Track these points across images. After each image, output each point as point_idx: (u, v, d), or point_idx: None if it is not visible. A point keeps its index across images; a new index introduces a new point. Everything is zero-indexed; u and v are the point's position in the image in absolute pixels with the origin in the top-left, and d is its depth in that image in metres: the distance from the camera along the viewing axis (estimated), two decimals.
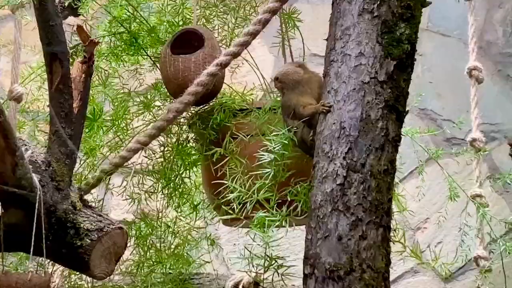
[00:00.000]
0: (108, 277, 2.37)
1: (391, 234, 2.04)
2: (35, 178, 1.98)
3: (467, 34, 2.37)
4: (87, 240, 2.01)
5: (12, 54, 2.40)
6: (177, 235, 2.57)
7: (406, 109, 2.07)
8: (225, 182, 2.17)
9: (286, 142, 2.08)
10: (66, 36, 2.09)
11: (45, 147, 2.40)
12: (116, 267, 2.61)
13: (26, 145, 2.08)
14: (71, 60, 2.51)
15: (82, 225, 2.02)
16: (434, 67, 3.78)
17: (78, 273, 2.55)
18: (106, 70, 2.52)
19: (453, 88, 3.76)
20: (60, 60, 2.06)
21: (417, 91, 2.64)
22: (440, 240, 3.70)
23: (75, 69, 2.13)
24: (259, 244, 2.04)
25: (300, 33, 2.49)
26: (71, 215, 2.01)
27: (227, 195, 2.14)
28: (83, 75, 2.12)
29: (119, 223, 2.09)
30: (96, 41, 2.14)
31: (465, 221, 2.51)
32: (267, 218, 2.04)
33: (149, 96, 2.52)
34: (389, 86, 2.02)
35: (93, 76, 2.26)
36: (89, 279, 2.57)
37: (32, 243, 1.94)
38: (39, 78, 2.55)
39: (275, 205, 2.09)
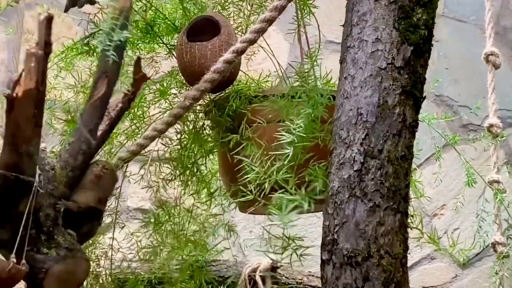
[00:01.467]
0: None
1: (409, 220, 2.04)
2: (38, 171, 1.96)
3: (483, 20, 2.36)
4: (54, 252, 1.96)
5: (27, 43, 2.41)
6: (194, 222, 2.58)
7: (423, 95, 2.06)
8: (244, 166, 2.16)
9: (307, 124, 2.08)
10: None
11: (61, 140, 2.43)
12: (134, 255, 2.65)
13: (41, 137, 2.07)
14: (83, 50, 2.54)
15: (56, 237, 1.97)
16: (450, 53, 3.77)
17: (96, 260, 2.57)
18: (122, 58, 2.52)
19: (470, 74, 3.75)
20: (108, 80, 2.03)
21: (433, 78, 2.63)
22: (457, 226, 3.71)
23: (119, 97, 2.10)
24: (277, 225, 2.03)
25: (316, 20, 2.48)
26: (51, 223, 1.97)
27: (245, 176, 2.14)
28: (120, 105, 2.07)
29: (87, 256, 2.07)
30: (148, 77, 2.09)
31: (483, 207, 2.50)
32: (286, 198, 2.04)
33: (165, 84, 2.52)
34: (406, 72, 2.02)
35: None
36: (107, 265, 2.59)
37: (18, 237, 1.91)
38: (56, 67, 2.56)
39: (294, 187, 2.08)
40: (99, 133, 2.06)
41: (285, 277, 2.81)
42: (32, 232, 1.93)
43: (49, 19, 1.87)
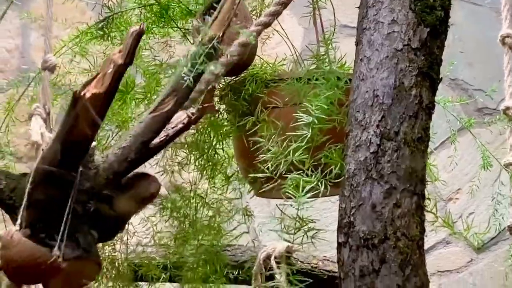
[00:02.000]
0: None
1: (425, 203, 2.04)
2: (80, 168, 1.96)
3: (499, 3, 2.34)
4: (70, 250, 1.93)
5: (42, 28, 2.41)
6: (210, 206, 2.58)
7: (440, 77, 2.05)
8: (260, 147, 2.16)
9: (325, 106, 2.08)
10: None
11: None
12: (149, 240, 2.65)
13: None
14: (97, 35, 2.54)
15: (77, 234, 1.95)
16: (465, 36, 3.75)
17: (111, 244, 2.58)
18: (140, 46, 2.52)
19: (485, 57, 3.73)
20: (177, 99, 2.00)
21: (448, 61, 2.63)
22: (472, 210, 3.70)
23: (177, 116, 2.04)
24: (291, 205, 2.04)
25: (331, 3, 2.48)
26: (75, 221, 1.94)
27: (261, 156, 2.14)
28: (180, 126, 2.01)
29: (100, 260, 2.03)
30: (216, 109, 2.09)
31: (499, 190, 2.49)
32: (302, 179, 2.04)
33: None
34: (423, 53, 2.01)
35: None
36: (122, 250, 2.59)
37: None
38: (70, 52, 2.56)
39: (310, 168, 2.08)
40: (151, 146, 2.01)
41: (300, 261, 2.81)
42: (57, 225, 1.91)
43: (140, 33, 1.86)
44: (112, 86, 1.87)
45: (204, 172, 2.52)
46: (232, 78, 2.41)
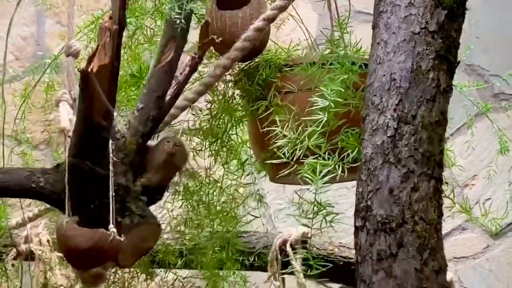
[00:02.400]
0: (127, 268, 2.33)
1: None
2: (110, 144, 1.97)
3: None
4: (127, 220, 1.98)
5: (58, 15, 2.41)
6: (224, 192, 2.58)
7: (457, 60, 2.04)
8: (275, 132, 2.16)
9: (342, 89, 2.07)
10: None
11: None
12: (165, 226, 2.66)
13: None
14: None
15: (128, 204, 1.99)
16: (481, 21, 3.73)
17: None
18: (152, 28, 2.52)
19: (501, 43, 3.70)
20: (176, 43, 2.03)
21: (465, 46, 2.61)
22: (489, 196, 3.68)
23: (182, 61, 2.08)
24: (308, 190, 2.03)
25: None
26: (123, 191, 1.98)
27: (276, 142, 2.13)
28: (188, 69, 2.05)
29: (158, 221, 2.06)
30: (216, 40, 2.05)
31: None
32: (318, 163, 2.03)
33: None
34: (440, 36, 1.99)
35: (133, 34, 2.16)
36: None
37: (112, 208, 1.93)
38: (86, 37, 2.56)
39: (327, 152, 2.08)
40: (167, 98, 2.06)
41: (316, 247, 2.80)
42: (106, 202, 1.93)
43: None
44: (115, 53, 1.86)
45: (219, 157, 2.52)
46: (246, 63, 2.40)
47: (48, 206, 2.37)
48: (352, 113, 2.13)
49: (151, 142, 2.10)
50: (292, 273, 2.62)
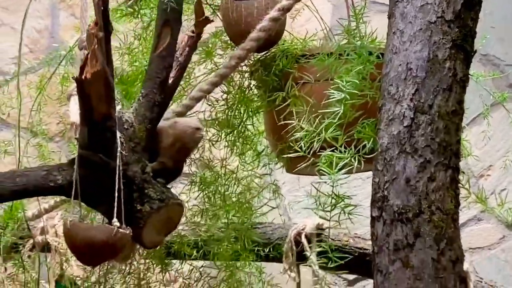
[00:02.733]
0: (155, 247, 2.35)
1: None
2: (118, 135, 1.97)
3: None
4: (147, 207, 1.99)
5: (72, 8, 2.40)
6: (240, 182, 2.58)
7: (474, 49, 2.03)
8: (291, 124, 2.16)
9: (357, 81, 2.06)
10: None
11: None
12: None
13: (116, 99, 2.06)
14: (127, 12, 2.53)
15: (146, 191, 2.00)
16: (496, 11, 3.71)
17: None
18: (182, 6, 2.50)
19: None
20: (172, 28, 2.03)
21: (480, 36, 2.60)
22: (504, 187, 3.67)
23: (181, 41, 2.09)
24: (325, 182, 2.03)
25: None
26: (139, 179, 2.00)
27: (293, 134, 2.13)
28: (187, 49, 2.07)
29: (179, 199, 2.08)
30: (210, 19, 2.08)
31: None
32: (335, 156, 2.03)
33: (210, 45, 2.51)
34: (457, 26, 1.98)
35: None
36: None
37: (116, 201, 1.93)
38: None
39: (343, 144, 2.07)
40: (170, 80, 2.07)
41: (331, 238, 2.80)
42: (124, 192, 1.95)
43: (104, 1, 1.87)
44: (107, 59, 1.88)
45: (235, 148, 2.52)
46: (262, 53, 2.40)
47: (64, 197, 2.38)
48: (369, 104, 2.12)
49: (163, 124, 2.10)
50: (307, 264, 2.62)
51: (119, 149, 1.95)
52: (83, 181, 1.95)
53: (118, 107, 2.02)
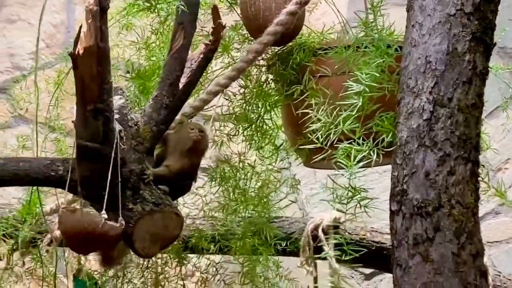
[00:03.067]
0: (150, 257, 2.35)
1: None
2: (117, 126, 1.96)
3: None
4: (139, 207, 1.97)
5: (85, 3, 2.40)
6: (259, 177, 2.57)
7: (494, 42, 2.01)
8: (309, 116, 2.15)
9: (376, 74, 2.06)
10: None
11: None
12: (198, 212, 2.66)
13: (121, 94, 2.06)
14: (144, 7, 2.52)
15: (141, 192, 1.98)
16: None
17: None
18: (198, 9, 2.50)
19: None
20: (185, 30, 2.01)
21: (499, 28, 2.58)
22: None
23: (200, 48, 2.09)
24: (343, 175, 2.02)
25: None
26: (135, 178, 1.98)
27: (310, 126, 2.13)
28: (202, 56, 2.05)
29: (177, 209, 2.04)
30: (223, 25, 2.06)
31: None
32: (353, 148, 2.02)
33: (227, 39, 2.50)
34: (476, 18, 1.97)
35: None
36: None
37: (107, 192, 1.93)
38: (118, 25, 2.56)
39: (361, 137, 2.06)
40: (180, 85, 2.05)
41: (348, 232, 2.80)
42: (117, 189, 1.94)
43: None
44: (101, 35, 1.86)
45: (253, 142, 2.52)
46: (280, 47, 2.39)
47: None
48: (387, 97, 2.11)
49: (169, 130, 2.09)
50: (324, 258, 2.61)
51: (117, 140, 1.93)
52: (81, 173, 1.95)
53: (121, 101, 2.00)
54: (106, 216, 1.91)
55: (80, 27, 1.87)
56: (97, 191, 1.96)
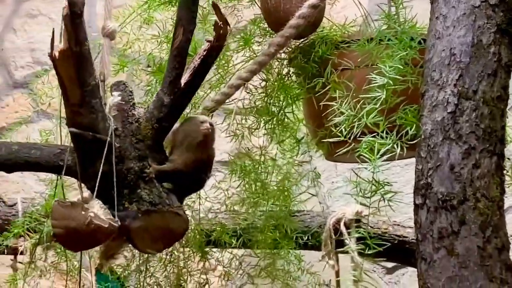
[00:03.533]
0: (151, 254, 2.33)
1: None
2: (111, 122, 1.92)
3: None
4: (135, 206, 1.93)
5: None
6: (281, 170, 2.57)
7: None
8: (330, 111, 2.14)
9: (400, 66, 2.04)
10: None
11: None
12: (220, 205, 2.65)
13: (123, 89, 2.01)
14: (165, 0, 2.52)
15: (138, 190, 1.93)
16: None
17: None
18: (205, 8, 2.51)
19: None
20: (183, 27, 1.95)
21: None
22: None
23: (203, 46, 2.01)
24: (366, 168, 2.01)
25: None
26: (133, 177, 1.94)
27: (333, 119, 2.12)
28: (204, 53, 1.96)
29: (180, 209, 1.97)
30: (227, 22, 1.95)
31: None
32: (377, 142, 2.01)
33: (248, 32, 2.50)
34: (501, 10, 1.95)
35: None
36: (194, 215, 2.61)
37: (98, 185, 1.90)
38: (139, 18, 2.56)
39: (385, 130, 2.05)
40: (183, 83, 1.98)
41: (370, 226, 2.79)
42: (116, 186, 1.90)
43: None
44: (74, 38, 1.82)
45: (274, 135, 2.51)
46: (301, 40, 2.38)
47: None
48: (410, 90, 2.10)
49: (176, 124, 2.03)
50: (346, 251, 2.60)
51: (111, 137, 1.90)
52: (80, 168, 1.94)
53: (117, 98, 1.95)
54: (92, 214, 1.86)
55: (53, 30, 1.85)
56: (97, 188, 1.92)
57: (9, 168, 2.08)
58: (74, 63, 1.84)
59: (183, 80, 1.98)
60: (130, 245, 1.99)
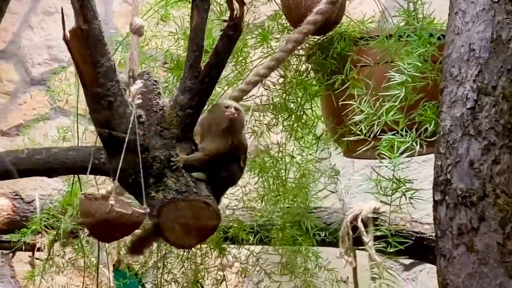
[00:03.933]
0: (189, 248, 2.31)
1: None
2: (133, 109, 1.90)
3: None
4: (161, 195, 1.90)
5: None
6: (301, 167, 2.56)
7: None
8: (350, 108, 2.13)
9: (419, 63, 2.03)
10: None
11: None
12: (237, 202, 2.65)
13: (147, 78, 1.99)
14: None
15: (164, 179, 1.91)
16: None
17: None
18: (221, 4, 2.51)
19: None
20: (198, 9, 1.93)
21: None
22: None
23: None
24: (386, 166, 2.00)
25: None
26: (159, 165, 1.91)
27: (353, 118, 2.11)
28: (222, 33, 1.92)
29: (208, 198, 1.92)
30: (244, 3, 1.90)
31: None
32: (396, 140, 2.00)
33: (266, 28, 2.49)
34: None
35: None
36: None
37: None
38: (156, 15, 2.56)
39: (404, 128, 2.04)
40: (203, 66, 1.93)
41: (388, 223, 2.78)
42: (139, 176, 1.88)
43: None
44: (83, 17, 1.84)
45: (292, 132, 2.50)
46: (320, 37, 2.37)
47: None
48: (430, 86, 2.09)
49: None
50: (363, 248, 2.59)
51: (133, 125, 1.88)
52: (107, 161, 1.94)
53: (138, 85, 1.94)
54: (113, 202, 1.83)
55: (62, 12, 1.88)
56: (125, 179, 1.92)
57: (49, 171, 2.17)
58: (85, 43, 1.85)
59: (204, 63, 1.94)
60: (162, 239, 1.96)
